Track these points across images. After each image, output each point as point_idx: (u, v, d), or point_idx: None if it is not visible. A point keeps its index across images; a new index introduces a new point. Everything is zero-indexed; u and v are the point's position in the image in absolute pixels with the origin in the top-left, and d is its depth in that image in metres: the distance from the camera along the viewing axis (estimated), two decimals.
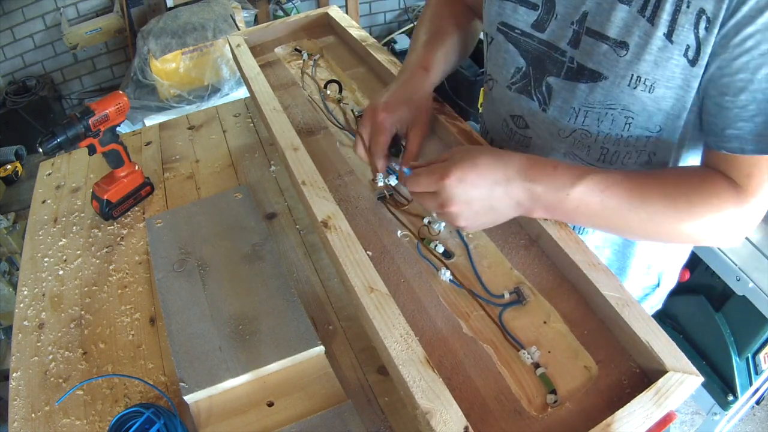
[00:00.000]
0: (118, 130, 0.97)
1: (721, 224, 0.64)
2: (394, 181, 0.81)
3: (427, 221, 0.78)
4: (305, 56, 1.16)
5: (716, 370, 1.55)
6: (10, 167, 2.63)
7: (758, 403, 1.64)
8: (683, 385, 0.55)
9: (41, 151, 0.87)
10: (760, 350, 1.48)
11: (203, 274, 0.84)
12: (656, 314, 0.98)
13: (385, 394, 0.71)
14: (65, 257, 0.95)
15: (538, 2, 0.73)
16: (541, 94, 0.76)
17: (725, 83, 0.61)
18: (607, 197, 0.63)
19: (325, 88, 1.06)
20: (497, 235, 0.75)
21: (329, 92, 1.05)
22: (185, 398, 0.69)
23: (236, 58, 1.11)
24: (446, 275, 0.71)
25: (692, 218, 0.64)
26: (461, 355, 0.63)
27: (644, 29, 0.63)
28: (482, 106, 0.97)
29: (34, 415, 0.73)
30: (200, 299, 0.80)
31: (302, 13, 1.28)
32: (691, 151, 0.74)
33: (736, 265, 1.37)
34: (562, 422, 0.56)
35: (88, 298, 0.87)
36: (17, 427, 0.71)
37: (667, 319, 1.66)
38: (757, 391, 1.56)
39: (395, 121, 0.79)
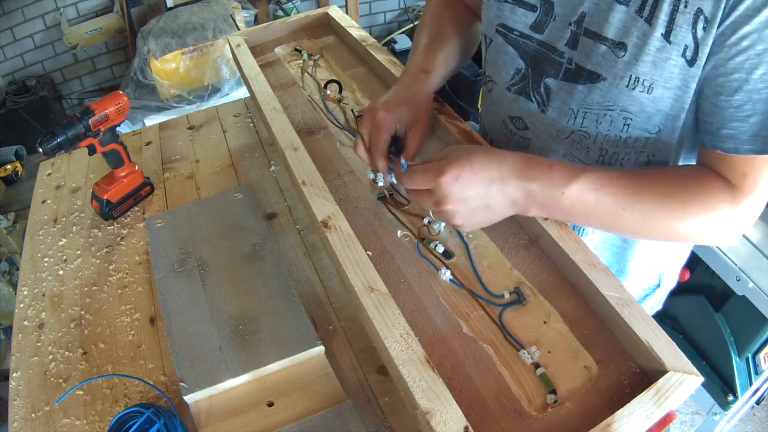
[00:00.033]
0: (118, 130, 0.97)
1: (715, 223, 0.65)
2: (394, 179, 0.81)
3: (427, 221, 0.78)
4: (305, 56, 1.16)
5: (716, 370, 1.55)
6: (10, 167, 2.63)
7: (758, 403, 1.65)
8: (683, 385, 0.55)
9: (41, 151, 0.87)
10: (760, 350, 1.48)
11: (203, 274, 0.84)
12: (656, 314, 0.98)
13: (385, 394, 0.71)
14: (65, 257, 0.95)
15: (536, 3, 0.73)
16: (539, 95, 0.76)
17: (721, 83, 0.61)
18: (602, 196, 0.63)
19: (325, 88, 1.06)
20: (497, 235, 0.75)
21: (329, 92, 1.05)
22: (185, 398, 0.69)
23: (236, 58, 1.11)
24: (446, 275, 0.71)
25: (687, 217, 0.64)
26: (461, 355, 0.63)
27: (642, 30, 0.62)
28: (481, 107, 0.97)
29: (34, 415, 0.73)
30: (200, 299, 0.80)
31: (302, 13, 1.28)
32: (690, 151, 0.74)
33: (736, 265, 1.37)
34: (562, 422, 0.56)
35: (88, 298, 0.87)
36: (17, 427, 0.71)
37: (667, 319, 1.66)
38: (757, 391, 1.57)
39: (395, 120, 0.79)
